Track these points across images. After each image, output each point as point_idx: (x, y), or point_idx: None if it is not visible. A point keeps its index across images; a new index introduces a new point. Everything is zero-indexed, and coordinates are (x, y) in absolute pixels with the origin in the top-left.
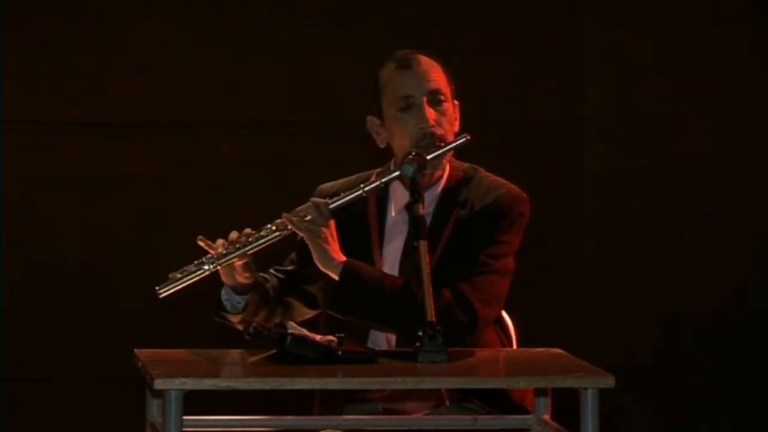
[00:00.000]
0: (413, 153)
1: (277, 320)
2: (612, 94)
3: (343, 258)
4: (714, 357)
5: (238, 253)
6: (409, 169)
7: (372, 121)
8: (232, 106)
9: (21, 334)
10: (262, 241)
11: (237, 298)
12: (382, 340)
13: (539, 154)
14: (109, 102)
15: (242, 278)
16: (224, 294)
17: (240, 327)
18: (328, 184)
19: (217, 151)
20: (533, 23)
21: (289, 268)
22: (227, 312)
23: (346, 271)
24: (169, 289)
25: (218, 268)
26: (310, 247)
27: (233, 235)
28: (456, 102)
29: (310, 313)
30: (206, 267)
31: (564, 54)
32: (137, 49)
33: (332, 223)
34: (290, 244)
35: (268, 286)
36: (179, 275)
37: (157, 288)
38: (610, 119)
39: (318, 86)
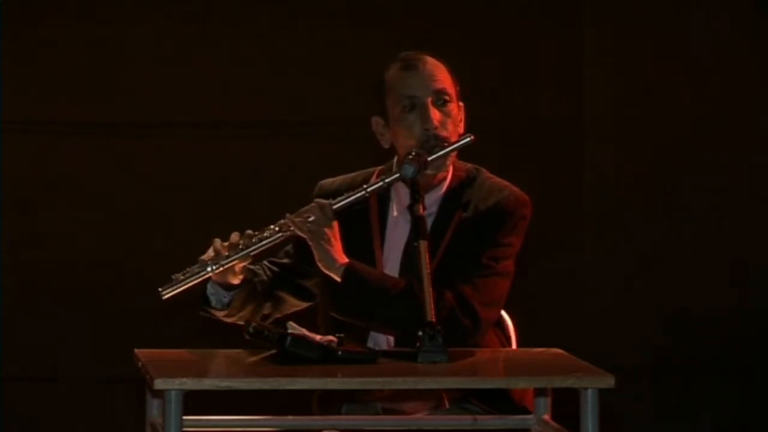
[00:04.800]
0: (413, 153)
1: (266, 312)
2: (612, 94)
3: (346, 260)
4: (714, 357)
5: (241, 254)
6: (409, 170)
7: (377, 122)
8: (232, 106)
9: (21, 334)
10: (265, 242)
11: (224, 293)
12: (382, 340)
13: (539, 154)
14: (109, 102)
15: (235, 279)
16: (210, 288)
17: (226, 320)
18: (329, 180)
19: (218, 151)
20: (533, 23)
21: (285, 261)
22: (212, 307)
23: (348, 273)
24: (173, 291)
25: (221, 269)
26: (313, 249)
27: (234, 237)
28: (461, 104)
29: (301, 306)
30: (209, 269)
31: (564, 54)
32: (137, 49)
33: (335, 223)
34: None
35: (256, 280)
36: (182, 277)
37: (160, 289)
38: (610, 119)
39: (318, 86)
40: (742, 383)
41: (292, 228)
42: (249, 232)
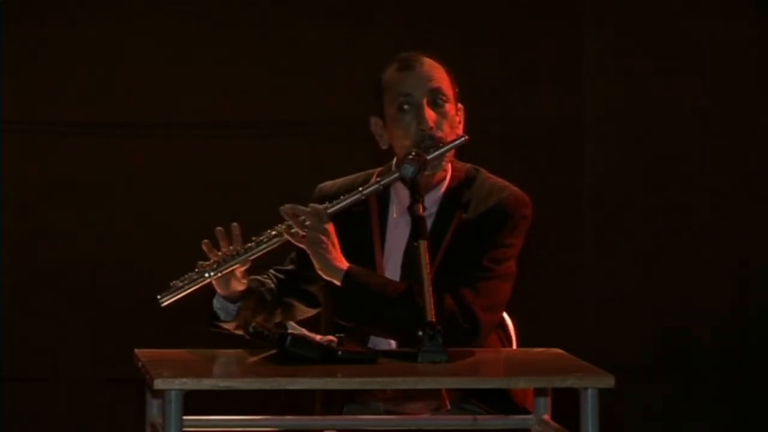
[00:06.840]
0: (413, 153)
1: (278, 321)
2: (612, 94)
3: (346, 264)
4: (714, 357)
5: (240, 259)
6: (409, 169)
7: (375, 122)
8: (233, 106)
9: (21, 334)
10: (263, 246)
11: (231, 306)
12: (382, 341)
13: (539, 154)
14: (109, 102)
15: (239, 285)
16: (217, 303)
17: (237, 332)
18: (329, 183)
19: (217, 151)
20: (534, 23)
21: (289, 267)
22: (221, 321)
23: (348, 278)
24: (171, 298)
25: (219, 275)
26: (312, 257)
27: (220, 233)
28: (460, 105)
29: (310, 312)
30: (207, 275)
31: (564, 54)
32: (137, 49)
33: (331, 228)
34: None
35: (263, 290)
36: (180, 283)
37: (158, 297)
38: (610, 119)
39: (318, 86)
40: (742, 383)
41: (285, 236)
42: (219, 230)
